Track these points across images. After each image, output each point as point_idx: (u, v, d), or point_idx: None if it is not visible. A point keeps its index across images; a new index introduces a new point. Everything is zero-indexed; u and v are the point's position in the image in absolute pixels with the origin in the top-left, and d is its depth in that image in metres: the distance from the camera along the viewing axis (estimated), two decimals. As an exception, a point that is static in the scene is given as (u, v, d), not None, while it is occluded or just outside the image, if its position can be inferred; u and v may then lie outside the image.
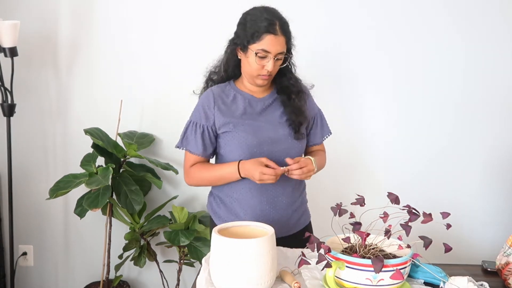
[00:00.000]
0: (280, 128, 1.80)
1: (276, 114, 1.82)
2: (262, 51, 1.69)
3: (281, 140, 1.79)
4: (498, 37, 2.59)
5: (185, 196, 2.74)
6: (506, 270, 1.53)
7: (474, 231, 2.72)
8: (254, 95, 1.83)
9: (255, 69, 1.73)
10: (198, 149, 1.80)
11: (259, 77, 1.75)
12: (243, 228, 1.48)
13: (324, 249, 1.32)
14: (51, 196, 2.39)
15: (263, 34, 1.68)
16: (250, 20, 1.72)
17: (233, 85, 1.85)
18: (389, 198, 1.42)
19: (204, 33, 2.61)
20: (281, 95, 1.83)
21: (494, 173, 2.70)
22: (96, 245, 2.75)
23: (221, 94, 1.82)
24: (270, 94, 1.85)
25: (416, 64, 2.62)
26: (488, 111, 2.65)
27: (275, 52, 1.69)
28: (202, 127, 1.79)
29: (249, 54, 1.71)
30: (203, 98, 1.83)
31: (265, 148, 1.77)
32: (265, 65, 1.71)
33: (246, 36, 1.70)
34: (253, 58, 1.71)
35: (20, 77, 2.61)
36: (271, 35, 1.68)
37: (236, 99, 1.81)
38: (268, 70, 1.71)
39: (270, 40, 1.68)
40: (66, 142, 2.75)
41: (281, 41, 1.70)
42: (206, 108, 1.80)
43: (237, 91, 1.83)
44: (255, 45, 1.69)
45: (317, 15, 2.58)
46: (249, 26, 1.70)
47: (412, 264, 1.44)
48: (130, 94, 2.68)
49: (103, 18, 2.65)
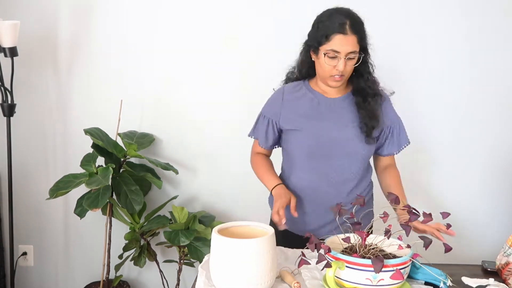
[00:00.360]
0: (347, 129, 1.79)
1: (346, 115, 1.80)
2: (332, 51, 1.68)
3: (346, 142, 1.78)
4: (498, 37, 2.59)
5: (185, 196, 2.74)
6: (506, 270, 1.53)
7: (474, 231, 2.72)
8: (326, 95, 1.83)
9: (326, 70, 1.72)
10: (261, 140, 1.90)
11: (331, 78, 1.74)
12: (243, 228, 1.48)
13: (324, 249, 1.32)
14: (51, 196, 2.39)
15: (332, 34, 1.68)
16: (321, 22, 1.72)
17: (307, 84, 1.86)
18: (389, 198, 1.42)
19: (204, 33, 2.61)
20: (356, 96, 1.82)
21: (494, 173, 2.69)
22: (96, 245, 2.75)
23: (292, 91, 1.85)
24: (345, 95, 1.84)
25: (416, 64, 2.62)
26: (488, 111, 2.65)
27: (345, 52, 1.68)
28: (268, 120, 1.86)
29: (320, 55, 1.72)
30: (275, 93, 1.89)
31: (326, 149, 1.78)
32: (336, 65, 1.70)
33: (316, 37, 1.71)
34: (323, 59, 1.71)
35: (20, 77, 2.61)
36: (340, 35, 1.68)
37: (305, 98, 1.83)
38: (339, 70, 1.70)
39: (339, 40, 1.68)
40: (66, 142, 2.75)
41: (352, 41, 1.69)
42: (275, 103, 1.85)
43: (309, 89, 1.84)
44: (325, 46, 1.69)
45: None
46: (319, 28, 1.71)
47: (413, 266, 1.44)
48: (130, 94, 2.68)
49: (103, 18, 2.65)
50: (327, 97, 1.82)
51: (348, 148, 1.78)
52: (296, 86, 1.87)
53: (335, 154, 1.78)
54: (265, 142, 1.90)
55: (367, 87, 1.80)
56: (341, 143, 1.77)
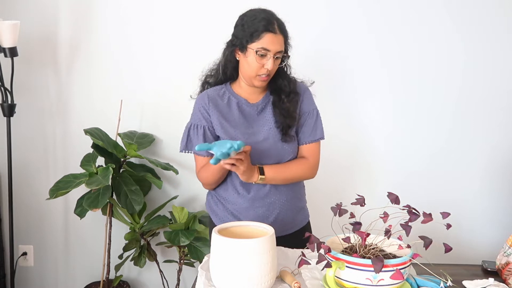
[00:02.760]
0: (270, 132, 1.80)
1: (268, 117, 1.82)
2: (262, 49, 1.69)
3: (271, 144, 1.79)
4: (498, 37, 2.59)
5: (185, 196, 2.74)
6: (506, 270, 1.53)
7: (474, 231, 2.72)
8: (248, 99, 1.83)
9: (254, 69, 1.72)
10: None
11: (257, 78, 1.75)
12: (243, 228, 1.48)
13: (324, 249, 1.32)
14: (51, 196, 2.39)
15: (263, 32, 1.69)
16: (248, 21, 1.72)
17: (229, 88, 1.85)
18: (389, 198, 1.42)
19: (203, 33, 2.61)
20: (273, 95, 1.83)
21: (494, 173, 2.70)
22: (96, 245, 2.75)
23: (216, 97, 1.83)
24: (264, 97, 1.84)
25: (416, 64, 2.62)
26: (488, 112, 2.65)
27: (274, 51, 1.70)
28: (203, 128, 1.80)
29: (249, 53, 1.71)
30: (198, 100, 1.84)
31: (257, 153, 1.77)
32: (265, 64, 1.71)
33: (245, 35, 1.71)
34: (252, 57, 1.71)
35: (20, 77, 2.61)
36: (271, 34, 1.69)
37: (231, 103, 1.82)
38: (268, 69, 1.71)
39: (270, 38, 1.69)
40: (66, 142, 2.75)
41: (280, 40, 1.71)
42: (202, 110, 1.81)
43: (232, 94, 1.83)
44: (255, 43, 1.69)
45: (315, 16, 2.59)
46: (248, 26, 1.71)
47: None
48: (130, 94, 2.68)
49: (103, 18, 2.65)
50: (250, 103, 1.82)
51: (276, 151, 1.79)
52: (219, 90, 1.84)
53: (264, 158, 1.77)
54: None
55: (284, 86, 1.81)
56: (268, 146, 1.77)
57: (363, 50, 2.62)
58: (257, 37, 1.69)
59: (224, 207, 1.85)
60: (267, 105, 1.84)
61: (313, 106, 1.89)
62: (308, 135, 1.86)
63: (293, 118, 1.80)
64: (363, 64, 2.63)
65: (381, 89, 2.65)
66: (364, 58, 2.62)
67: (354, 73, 2.64)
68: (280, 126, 1.79)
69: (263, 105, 1.83)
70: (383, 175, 2.70)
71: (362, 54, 2.62)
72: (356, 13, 2.59)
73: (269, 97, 1.84)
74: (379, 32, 2.61)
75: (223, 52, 1.82)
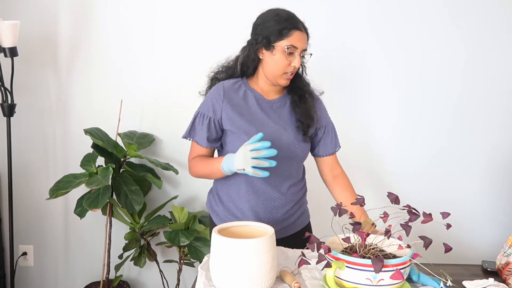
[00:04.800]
0: (287, 132, 1.78)
1: (284, 117, 1.81)
2: (292, 47, 1.70)
3: (286, 145, 1.77)
4: (498, 37, 2.60)
5: (185, 196, 2.74)
6: (506, 270, 1.53)
7: (474, 231, 2.72)
8: (264, 95, 1.82)
9: (281, 67, 1.72)
10: (203, 141, 1.81)
11: (283, 76, 1.75)
12: (243, 228, 1.48)
13: (324, 249, 1.32)
14: (51, 196, 2.39)
15: (291, 30, 1.70)
16: (272, 19, 1.72)
17: (245, 82, 1.83)
18: (389, 198, 1.42)
19: (203, 33, 2.61)
20: (292, 95, 1.82)
21: (494, 173, 2.70)
22: (96, 245, 2.75)
23: (232, 88, 1.81)
24: (282, 96, 1.84)
25: (417, 64, 2.62)
26: (488, 112, 2.65)
27: (301, 48, 1.72)
28: (209, 119, 1.79)
29: (276, 51, 1.71)
30: (213, 91, 1.82)
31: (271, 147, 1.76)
32: (292, 61, 1.72)
33: (272, 33, 1.71)
34: (279, 55, 1.71)
35: (20, 77, 2.61)
36: (299, 31, 1.71)
37: (247, 96, 1.80)
38: (295, 66, 1.72)
39: (298, 36, 1.71)
40: (66, 142, 2.75)
41: (305, 38, 1.74)
42: (215, 101, 1.79)
43: (248, 88, 1.82)
44: (284, 41, 1.70)
45: (319, 17, 2.58)
46: (273, 24, 1.71)
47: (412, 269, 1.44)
48: (130, 94, 2.68)
49: (103, 18, 2.65)
50: (266, 99, 1.81)
51: (288, 151, 1.78)
52: (235, 83, 1.83)
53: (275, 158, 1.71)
54: (206, 142, 1.79)
55: (303, 86, 1.83)
56: (282, 147, 1.75)
57: (365, 52, 2.61)
58: (286, 35, 1.70)
59: (224, 207, 1.85)
60: (284, 104, 1.83)
61: (329, 120, 1.92)
62: (332, 147, 1.92)
63: (312, 118, 1.81)
64: (366, 66, 2.63)
65: (382, 91, 2.65)
66: (366, 60, 2.62)
67: (357, 75, 2.64)
68: (301, 125, 1.79)
69: (280, 103, 1.82)
70: (383, 175, 2.70)
71: (364, 55, 2.62)
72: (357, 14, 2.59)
73: (287, 96, 1.83)
74: (381, 34, 2.61)
75: (243, 50, 1.81)
